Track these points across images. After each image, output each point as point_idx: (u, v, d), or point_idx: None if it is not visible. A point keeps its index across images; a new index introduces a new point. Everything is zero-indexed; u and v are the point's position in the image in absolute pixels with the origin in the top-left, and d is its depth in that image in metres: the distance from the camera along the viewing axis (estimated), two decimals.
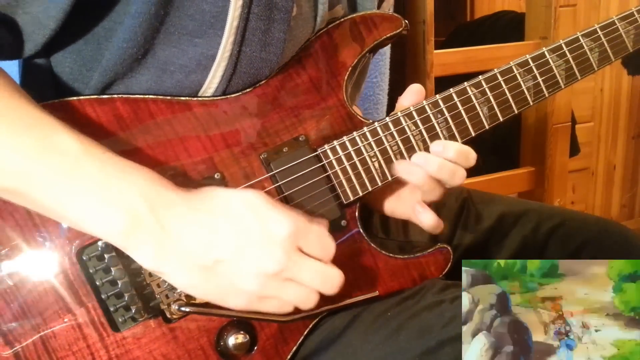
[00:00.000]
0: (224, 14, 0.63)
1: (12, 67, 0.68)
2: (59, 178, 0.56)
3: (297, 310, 0.62)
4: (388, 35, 0.76)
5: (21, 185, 0.57)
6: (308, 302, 0.61)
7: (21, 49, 0.63)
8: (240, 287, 0.59)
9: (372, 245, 0.74)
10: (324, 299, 0.70)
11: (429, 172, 0.73)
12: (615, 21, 0.83)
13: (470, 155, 0.74)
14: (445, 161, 0.73)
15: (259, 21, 0.65)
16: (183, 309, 0.64)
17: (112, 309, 0.62)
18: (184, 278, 0.59)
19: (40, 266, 0.61)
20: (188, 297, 0.64)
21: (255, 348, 0.67)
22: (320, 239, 0.61)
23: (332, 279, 0.62)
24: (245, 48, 0.66)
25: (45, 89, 0.68)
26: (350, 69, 0.74)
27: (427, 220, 0.76)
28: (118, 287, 0.63)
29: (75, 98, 0.64)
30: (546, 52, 0.80)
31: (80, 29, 0.66)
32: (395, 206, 0.81)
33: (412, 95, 0.76)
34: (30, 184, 0.56)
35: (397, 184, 0.78)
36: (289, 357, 0.69)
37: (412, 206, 0.77)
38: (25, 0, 0.60)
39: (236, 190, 0.63)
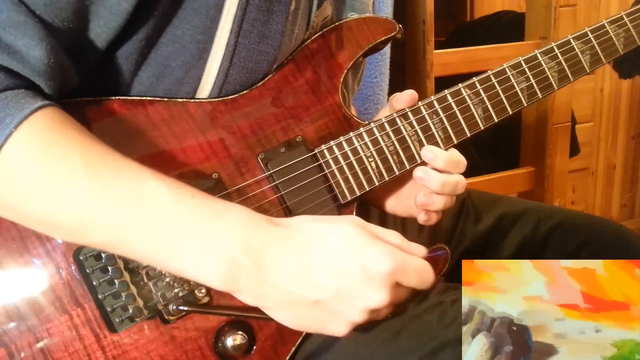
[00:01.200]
0: (223, 3, 0.63)
1: None
2: (154, 230, 0.56)
3: None
4: (382, 39, 0.77)
5: (116, 239, 0.57)
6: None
7: (79, 76, 0.63)
8: (342, 319, 0.60)
9: None
10: None
11: (430, 189, 0.74)
12: (605, 24, 0.84)
13: (460, 164, 0.75)
14: (448, 178, 0.74)
15: (259, 12, 0.65)
16: (181, 308, 0.63)
17: (109, 309, 0.62)
18: (283, 314, 0.60)
19: (37, 266, 0.61)
20: (186, 297, 0.64)
21: (254, 349, 0.67)
22: (419, 271, 0.61)
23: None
24: (243, 39, 0.65)
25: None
26: (345, 71, 0.75)
27: (434, 220, 0.78)
28: (115, 287, 0.62)
29: (71, 99, 0.64)
30: (538, 54, 0.81)
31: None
32: (396, 204, 0.81)
33: (403, 104, 0.76)
34: (125, 239, 0.56)
35: (398, 182, 0.79)
36: (287, 358, 0.69)
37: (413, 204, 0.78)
38: (88, 16, 0.58)
39: (329, 222, 0.62)
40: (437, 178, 0.73)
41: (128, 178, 0.56)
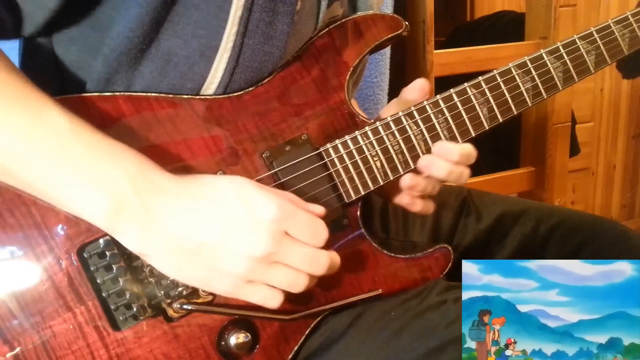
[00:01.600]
0: (228, 4, 0.63)
1: (14, 58, 0.68)
2: (47, 157, 0.56)
3: (295, 307, 0.62)
4: (388, 36, 0.76)
5: (9, 162, 0.57)
6: (296, 285, 0.60)
7: (20, 28, 0.63)
8: (226, 270, 0.58)
9: (374, 244, 0.74)
10: (324, 297, 0.70)
11: (435, 177, 0.74)
12: (611, 24, 0.84)
13: (471, 155, 0.75)
14: (452, 167, 0.73)
15: (263, 13, 0.65)
16: (185, 307, 0.63)
17: (112, 307, 0.62)
18: (168, 262, 0.58)
19: (41, 264, 0.61)
20: (190, 295, 0.64)
21: (257, 347, 0.67)
22: (309, 224, 0.60)
23: (320, 260, 0.60)
24: (248, 40, 0.65)
25: (49, 78, 0.68)
26: (351, 69, 0.74)
27: (417, 209, 0.78)
28: (119, 285, 0.62)
29: (76, 95, 0.64)
30: (544, 54, 0.80)
31: (83, 14, 0.66)
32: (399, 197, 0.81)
33: (416, 92, 0.76)
34: (18, 161, 0.56)
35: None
36: (290, 356, 0.69)
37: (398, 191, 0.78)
38: None
39: (224, 176, 0.63)
40: (443, 166, 0.73)
41: (30, 105, 0.57)
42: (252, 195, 0.59)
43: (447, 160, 0.73)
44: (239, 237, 0.58)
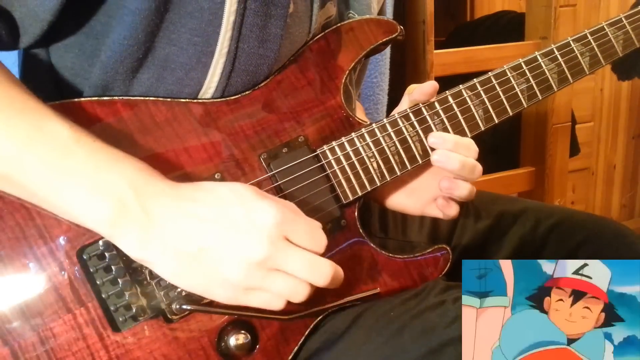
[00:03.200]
0: (221, 10, 0.64)
1: (13, 67, 0.69)
2: (48, 165, 0.56)
3: (295, 308, 0.62)
4: (383, 40, 0.77)
5: (11, 171, 0.57)
6: (298, 293, 0.60)
7: (17, 41, 0.64)
8: (225, 276, 0.58)
9: (372, 245, 0.74)
10: (323, 297, 0.70)
11: (450, 170, 0.75)
12: (605, 27, 0.85)
13: (471, 147, 0.76)
14: (466, 159, 0.74)
15: (256, 17, 0.66)
16: (184, 307, 0.64)
17: (112, 308, 0.62)
18: (168, 267, 0.58)
19: (41, 266, 0.61)
20: (189, 296, 0.65)
21: (257, 348, 0.67)
22: (309, 230, 0.60)
23: (321, 268, 0.60)
24: (243, 44, 0.66)
25: (46, 85, 0.69)
26: (347, 72, 0.75)
27: (454, 212, 0.79)
28: (119, 286, 0.63)
29: (75, 100, 0.64)
30: (538, 56, 0.81)
31: (78, 22, 0.66)
32: (408, 200, 0.82)
33: (426, 96, 0.77)
34: (20, 170, 0.57)
35: (411, 177, 0.80)
36: (290, 357, 0.69)
37: (429, 201, 0.79)
38: None
39: (224, 182, 0.63)
40: (455, 158, 0.74)
41: (31, 116, 0.57)
42: (252, 201, 0.59)
43: (455, 151, 0.74)
44: (238, 241, 0.58)
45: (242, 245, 0.57)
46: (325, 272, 0.60)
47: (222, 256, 0.58)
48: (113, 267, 0.62)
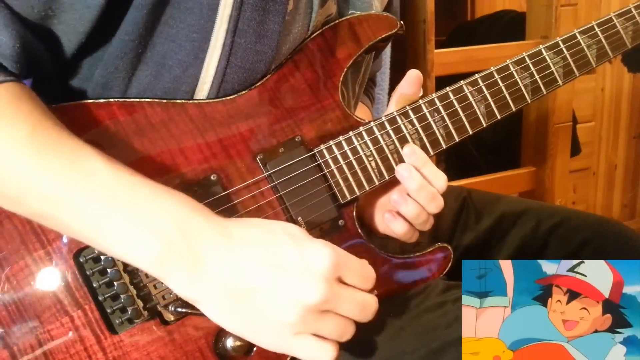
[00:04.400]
0: (216, 2, 0.63)
1: None
2: (89, 203, 0.56)
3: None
4: (383, 36, 0.76)
5: (53, 210, 0.57)
6: (347, 333, 0.59)
7: (55, 62, 0.64)
8: (275, 317, 0.56)
9: (371, 245, 0.74)
10: None
11: (408, 188, 0.72)
12: (613, 18, 0.83)
13: (439, 177, 0.72)
14: (426, 184, 0.71)
15: (254, 11, 0.65)
16: (180, 309, 0.63)
17: (109, 310, 0.62)
18: (216, 307, 0.57)
19: (38, 269, 0.61)
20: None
21: (254, 350, 0.67)
22: (361, 269, 0.60)
23: (370, 308, 0.60)
24: (239, 39, 0.65)
25: (53, 86, 0.69)
26: (345, 69, 0.74)
27: (399, 228, 0.74)
28: (115, 288, 0.63)
29: (72, 103, 0.64)
30: (543, 50, 0.80)
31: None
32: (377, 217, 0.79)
33: (411, 84, 0.75)
34: (61, 209, 0.56)
35: (378, 195, 0.78)
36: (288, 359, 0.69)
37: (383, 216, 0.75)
38: (61, 9, 0.60)
39: (276, 221, 0.61)
40: (417, 178, 0.71)
41: (69, 152, 0.57)
42: (305, 242, 0.58)
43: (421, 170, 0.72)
44: (292, 283, 0.56)
45: (297, 288, 0.56)
46: (373, 310, 0.60)
47: (274, 298, 0.56)
48: (109, 270, 0.63)
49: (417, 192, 0.71)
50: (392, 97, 0.78)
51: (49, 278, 0.61)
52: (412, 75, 0.75)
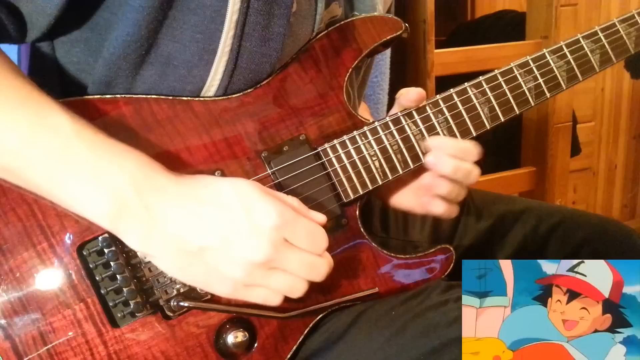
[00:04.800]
0: (224, 8, 0.64)
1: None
2: (50, 158, 0.57)
3: (293, 306, 0.63)
4: (387, 38, 0.77)
5: (13, 164, 0.58)
6: (295, 290, 0.61)
7: (24, 34, 0.64)
8: (225, 274, 0.59)
9: (373, 244, 0.74)
10: (322, 296, 0.70)
11: (441, 174, 0.74)
12: (616, 23, 0.83)
13: (470, 151, 0.75)
14: (461, 163, 0.73)
15: (259, 16, 0.66)
16: (182, 304, 0.64)
17: (111, 304, 0.63)
18: (170, 262, 0.59)
19: (41, 261, 0.61)
20: (187, 293, 0.65)
21: (255, 346, 0.67)
22: (309, 231, 0.61)
23: (319, 268, 0.61)
24: (246, 43, 0.66)
25: (52, 81, 0.69)
26: (350, 70, 0.75)
27: (439, 209, 0.77)
28: (117, 282, 0.63)
29: (77, 98, 0.64)
30: (547, 53, 0.80)
31: (83, 17, 0.66)
32: (414, 200, 0.81)
33: (412, 102, 0.76)
34: (23, 163, 0.57)
35: (415, 179, 0.79)
36: (288, 356, 0.69)
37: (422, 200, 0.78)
38: None
39: (228, 179, 0.63)
40: (449, 162, 0.73)
41: (34, 107, 0.58)
42: (254, 201, 0.60)
43: (451, 155, 0.74)
44: (239, 242, 0.58)
45: (244, 247, 0.58)
46: (322, 271, 0.62)
47: (223, 256, 0.58)
48: (112, 264, 0.63)
49: (454, 175, 0.74)
50: (396, 103, 0.79)
51: (52, 271, 0.62)
52: (415, 94, 0.75)
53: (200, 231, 0.58)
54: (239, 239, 0.58)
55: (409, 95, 0.75)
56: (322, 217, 0.64)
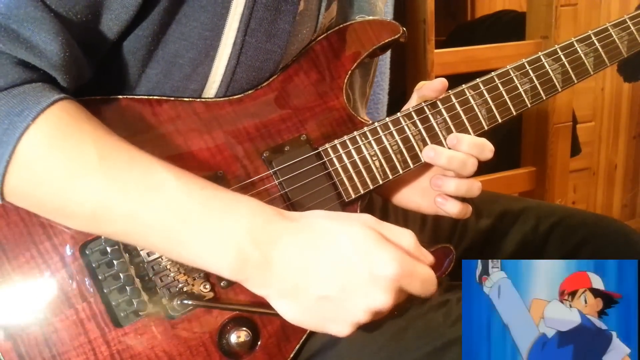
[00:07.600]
0: (229, 1, 0.64)
1: None
2: (164, 221, 0.58)
3: None
4: (386, 41, 0.78)
5: (128, 229, 0.58)
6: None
7: (92, 69, 0.64)
8: (343, 318, 0.60)
9: None
10: None
11: (439, 165, 0.74)
12: (609, 28, 0.85)
13: (486, 148, 0.75)
14: (455, 153, 0.74)
15: (266, 11, 0.66)
16: (185, 302, 0.64)
17: (114, 303, 0.63)
18: (288, 309, 0.60)
19: (44, 261, 0.62)
20: (190, 292, 0.65)
21: (258, 346, 0.67)
22: (423, 280, 0.61)
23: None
24: (250, 38, 0.66)
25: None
26: (349, 72, 0.76)
27: (453, 208, 0.77)
28: (120, 281, 0.63)
29: (80, 98, 0.64)
30: (542, 57, 0.81)
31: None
32: (422, 200, 0.82)
33: (435, 92, 0.77)
34: (137, 228, 0.58)
35: (423, 179, 0.80)
36: (291, 355, 0.69)
37: (434, 200, 0.78)
38: (99, 12, 0.60)
39: (340, 220, 0.62)
40: (444, 153, 0.74)
41: (139, 170, 0.58)
42: (372, 249, 0.59)
43: (456, 149, 0.74)
44: (359, 292, 0.59)
45: (363, 296, 0.59)
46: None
47: (341, 306, 0.59)
48: (115, 263, 0.63)
49: (448, 166, 0.74)
50: (413, 95, 0.80)
51: (55, 270, 0.62)
52: (439, 83, 0.76)
53: (317, 281, 0.59)
54: (358, 289, 0.59)
55: (433, 85, 0.76)
56: (431, 258, 0.64)
